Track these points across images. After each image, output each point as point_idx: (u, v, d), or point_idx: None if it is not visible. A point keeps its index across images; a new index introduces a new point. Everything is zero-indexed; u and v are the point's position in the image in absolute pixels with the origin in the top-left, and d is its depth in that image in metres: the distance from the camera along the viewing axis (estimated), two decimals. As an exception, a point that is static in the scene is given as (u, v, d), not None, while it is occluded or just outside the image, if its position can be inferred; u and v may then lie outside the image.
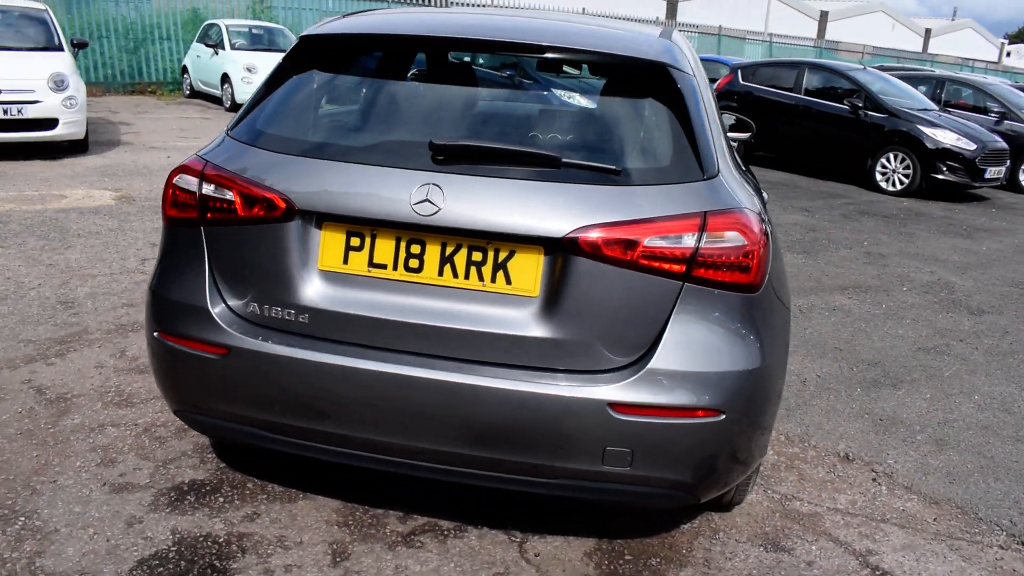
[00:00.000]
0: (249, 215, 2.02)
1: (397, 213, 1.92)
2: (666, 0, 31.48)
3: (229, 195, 2.04)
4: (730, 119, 4.59)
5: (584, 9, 24.13)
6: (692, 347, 1.92)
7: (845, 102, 10.45)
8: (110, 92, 14.70)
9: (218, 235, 2.08)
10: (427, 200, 1.90)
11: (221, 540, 2.26)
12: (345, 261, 2.01)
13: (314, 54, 2.27)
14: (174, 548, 2.21)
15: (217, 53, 13.85)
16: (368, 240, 1.99)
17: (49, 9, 8.68)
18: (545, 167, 1.94)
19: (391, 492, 2.54)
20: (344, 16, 2.52)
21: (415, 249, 1.97)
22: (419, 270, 1.97)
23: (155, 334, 2.16)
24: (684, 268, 1.89)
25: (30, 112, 7.42)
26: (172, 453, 2.69)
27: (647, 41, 2.26)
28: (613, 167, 1.95)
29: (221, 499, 2.46)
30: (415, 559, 2.25)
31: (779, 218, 7.67)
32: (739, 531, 2.52)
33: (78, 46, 8.80)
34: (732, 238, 1.93)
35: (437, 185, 1.91)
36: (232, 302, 2.08)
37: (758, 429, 2.09)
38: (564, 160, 1.94)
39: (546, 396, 1.89)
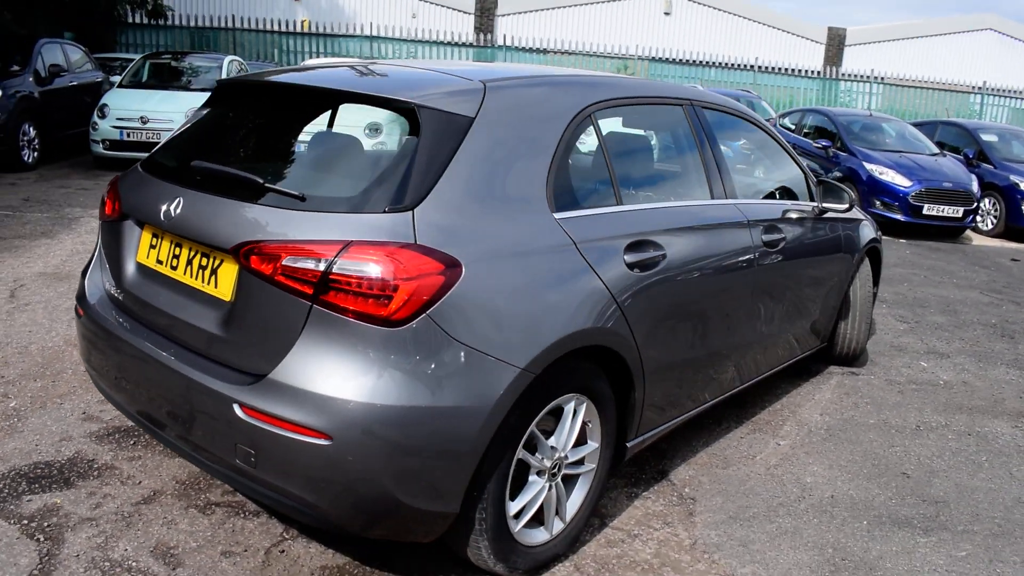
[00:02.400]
0: (110, 214, 2.65)
1: (155, 219, 2.37)
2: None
3: (106, 199, 2.70)
4: (849, 194, 4.05)
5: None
6: (311, 366, 1.99)
7: None
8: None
9: (103, 229, 2.74)
10: (168, 210, 2.32)
11: (96, 466, 2.89)
12: (147, 256, 2.51)
13: (215, 96, 2.83)
14: (62, 461, 2.90)
15: None
16: (159, 240, 2.47)
17: None
18: (250, 189, 2.21)
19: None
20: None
21: (177, 251, 2.38)
22: (176, 268, 2.38)
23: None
24: (313, 290, 1.99)
25: None
26: (149, 405, 3.44)
27: (426, 84, 2.35)
28: (297, 192, 2.13)
29: (132, 442, 3.10)
30: (189, 520, 2.60)
31: (1063, 330, 6.00)
32: (492, 599, 2.34)
33: None
34: (371, 269, 1.96)
35: (181, 199, 2.32)
36: (103, 278, 2.71)
37: (394, 469, 2.00)
38: (265, 184, 2.19)
39: (204, 387, 2.13)
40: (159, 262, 2.45)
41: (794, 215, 3.69)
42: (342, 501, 2.04)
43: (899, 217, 9.70)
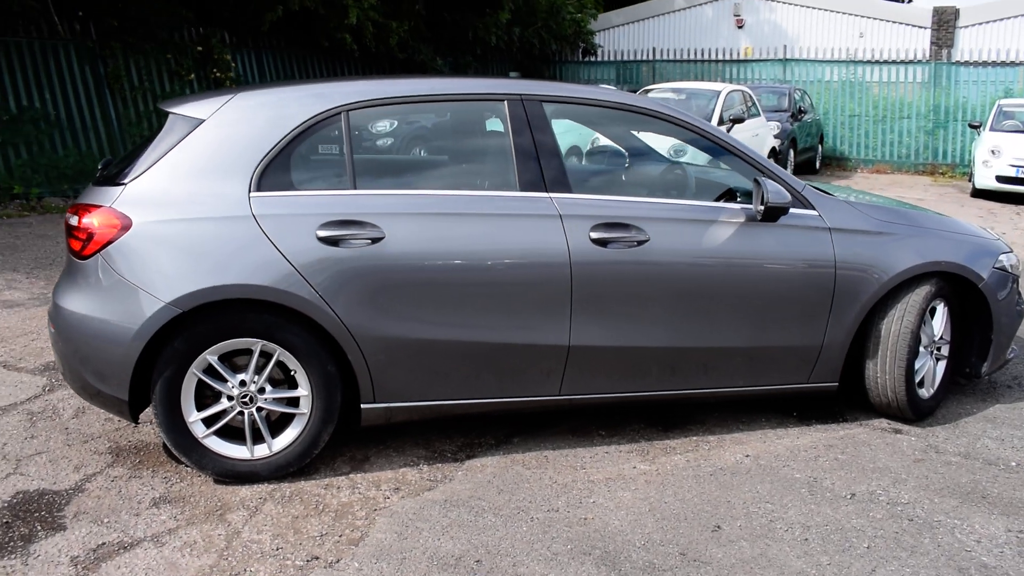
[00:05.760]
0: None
1: None
2: None
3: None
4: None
5: None
6: (60, 282, 3.07)
7: None
8: (900, 171, 15.58)
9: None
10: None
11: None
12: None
13: None
14: None
15: (979, 134, 13.07)
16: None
17: None
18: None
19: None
20: None
21: None
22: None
23: None
24: (67, 233, 3.01)
25: None
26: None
27: (207, 96, 3.14)
28: (105, 173, 3.16)
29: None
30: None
31: None
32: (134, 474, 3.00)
33: None
34: (76, 221, 2.93)
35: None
36: None
37: (75, 354, 2.92)
38: (97, 169, 3.27)
39: None
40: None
41: (683, 215, 3.27)
42: (68, 374, 3.03)
43: None
